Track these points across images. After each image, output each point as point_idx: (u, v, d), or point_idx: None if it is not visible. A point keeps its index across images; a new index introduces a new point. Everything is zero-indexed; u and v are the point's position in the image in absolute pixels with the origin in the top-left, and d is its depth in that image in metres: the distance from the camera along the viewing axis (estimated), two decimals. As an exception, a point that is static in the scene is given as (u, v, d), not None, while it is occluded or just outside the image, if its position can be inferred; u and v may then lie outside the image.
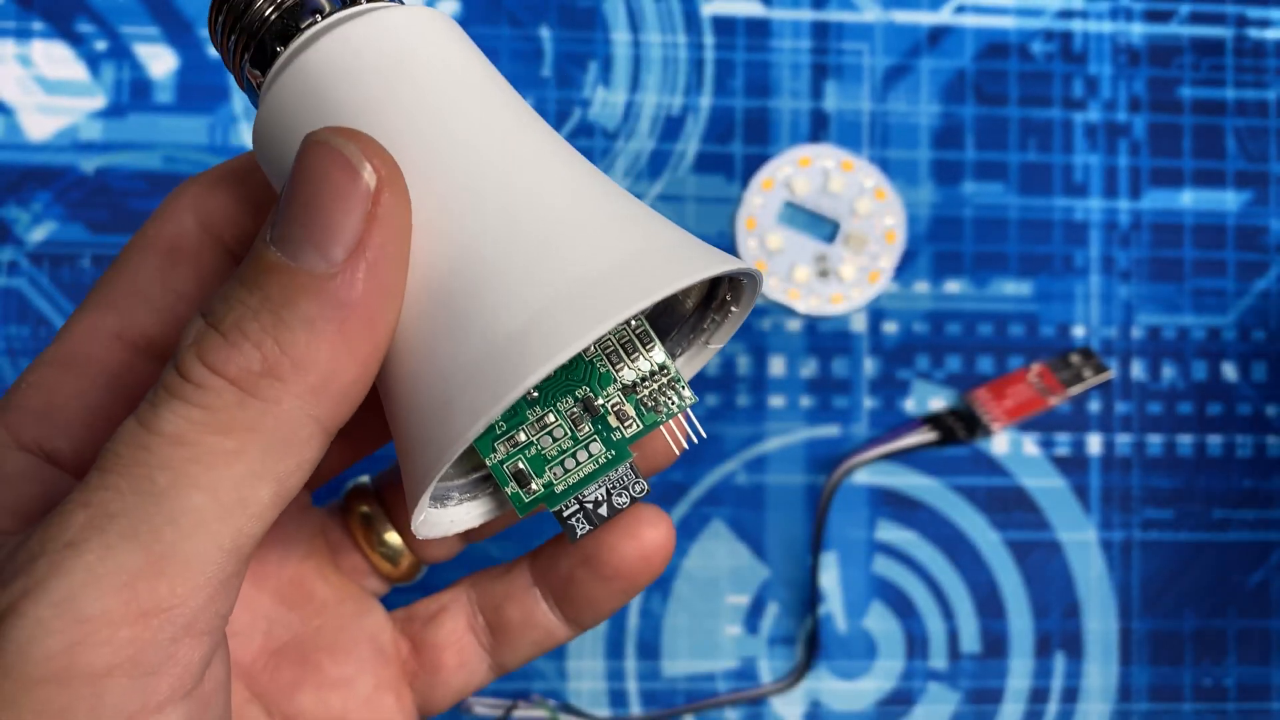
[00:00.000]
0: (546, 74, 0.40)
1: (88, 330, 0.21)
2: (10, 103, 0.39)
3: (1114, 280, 0.41)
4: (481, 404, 0.17)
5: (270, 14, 0.19)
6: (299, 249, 0.17)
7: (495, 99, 0.20)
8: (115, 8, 0.39)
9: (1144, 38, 0.42)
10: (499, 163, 0.19)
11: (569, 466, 0.20)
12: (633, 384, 0.20)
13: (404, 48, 0.19)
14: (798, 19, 0.41)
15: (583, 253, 0.18)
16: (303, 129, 0.18)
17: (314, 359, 0.17)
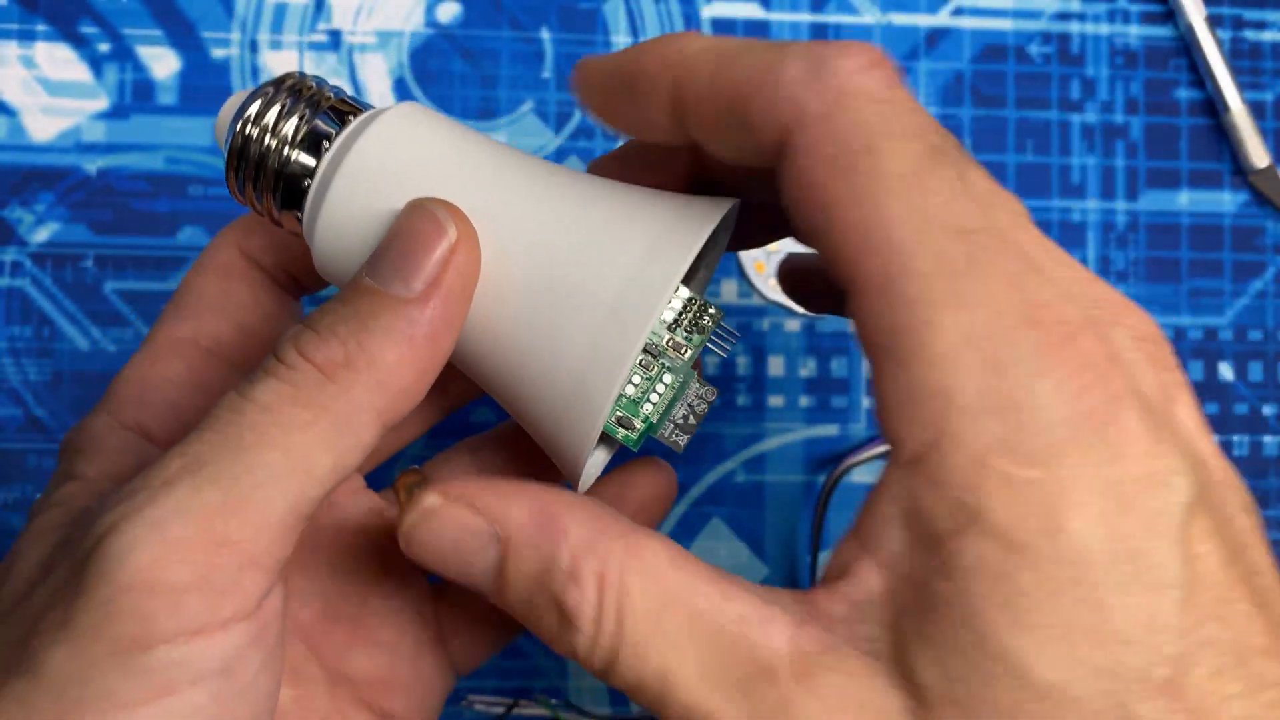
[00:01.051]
0: (547, 75, 0.40)
1: (168, 337, 0.26)
2: (14, 104, 0.39)
3: (1111, 280, 0.41)
4: (606, 380, 0.22)
5: (290, 155, 0.24)
6: (389, 279, 0.22)
7: (489, 147, 0.25)
8: (118, 10, 0.40)
9: (1141, 40, 0.42)
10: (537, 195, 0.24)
11: (654, 401, 0.25)
12: (674, 321, 0.24)
13: (413, 138, 0.24)
14: (796, 21, 0.41)
15: (627, 242, 0.23)
16: (359, 231, 0.23)
17: (384, 360, 0.21)
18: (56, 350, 0.39)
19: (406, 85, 0.40)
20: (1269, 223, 0.42)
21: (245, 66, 0.40)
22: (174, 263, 0.39)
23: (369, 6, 0.40)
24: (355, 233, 0.23)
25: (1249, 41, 0.42)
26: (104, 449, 0.25)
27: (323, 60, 0.40)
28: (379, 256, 0.22)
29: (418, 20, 0.40)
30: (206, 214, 0.39)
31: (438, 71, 0.40)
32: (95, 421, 0.25)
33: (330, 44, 0.40)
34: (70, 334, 0.39)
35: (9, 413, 0.39)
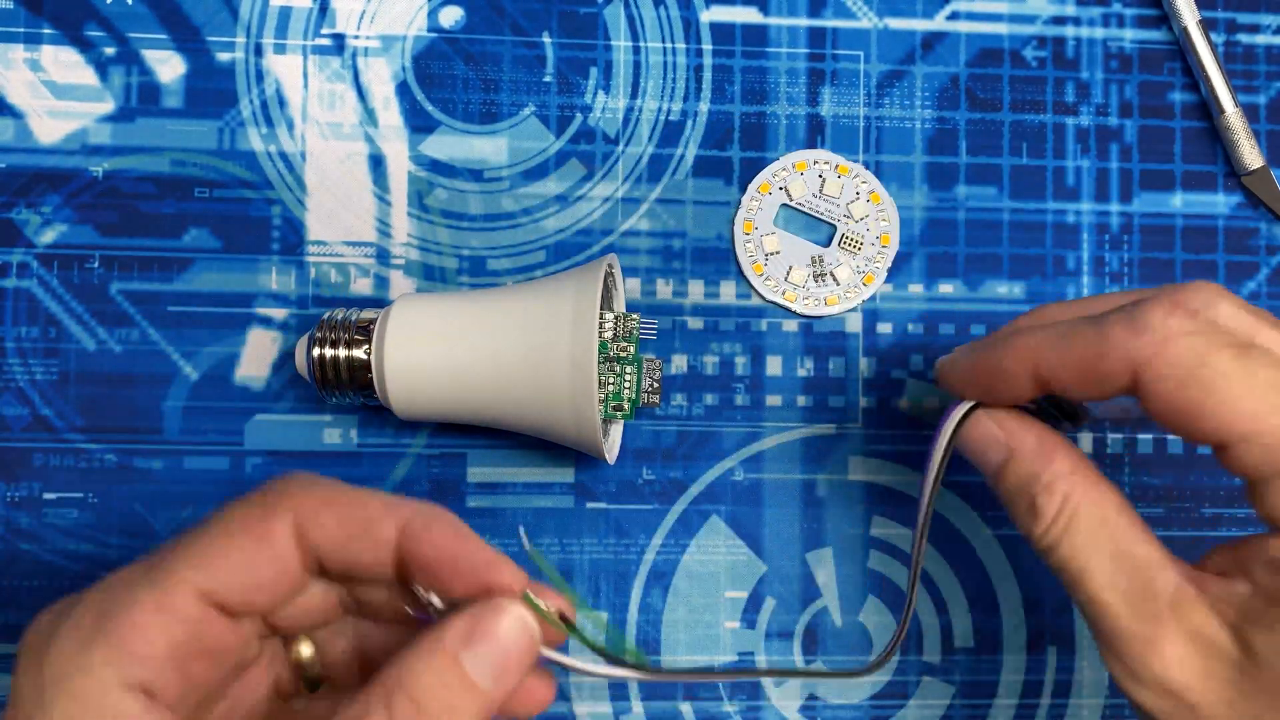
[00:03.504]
0: (548, 80, 0.41)
1: (179, 583, 0.27)
2: (20, 107, 0.40)
3: (1105, 282, 0.42)
4: (587, 401, 0.35)
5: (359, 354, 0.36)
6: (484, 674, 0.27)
7: (459, 296, 0.37)
8: (124, 13, 0.40)
9: (1135, 43, 0.42)
10: (501, 309, 0.36)
11: (628, 386, 0.38)
12: (613, 335, 0.38)
13: (419, 306, 0.37)
14: (794, 25, 0.41)
15: (560, 315, 0.35)
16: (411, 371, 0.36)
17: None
18: (63, 350, 0.39)
19: (409, 89, 0.40)
20: (1262, 225, 0.42)
21: (250, 70, 0.40)
22: (179, 264, 0.40)
23: (372, 11, 0.41)
24: (409, 372, 0.36)
25: (1242, 45, 0.43)
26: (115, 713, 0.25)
27: (326, 64, 0.40)
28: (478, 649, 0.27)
29: (420, 24, 0.41)
30: (211, 216, 0.40)
31: (440, 75, 0.41)
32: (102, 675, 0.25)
33: (334, 48, 0.40)
34: (76, 334, 0.39)
35: (16, 412, 0.39)
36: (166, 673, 0.26)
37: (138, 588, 0.26)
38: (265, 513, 0.28)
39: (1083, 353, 0.29)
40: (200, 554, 0.27)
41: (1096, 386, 0.29)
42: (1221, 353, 0.27)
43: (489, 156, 0.41)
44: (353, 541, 0.28)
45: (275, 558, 0.28)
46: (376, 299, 0.40)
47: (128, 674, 0.25)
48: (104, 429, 0.39)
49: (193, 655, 0.27)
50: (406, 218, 0.40)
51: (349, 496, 0.29)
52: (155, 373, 0.39)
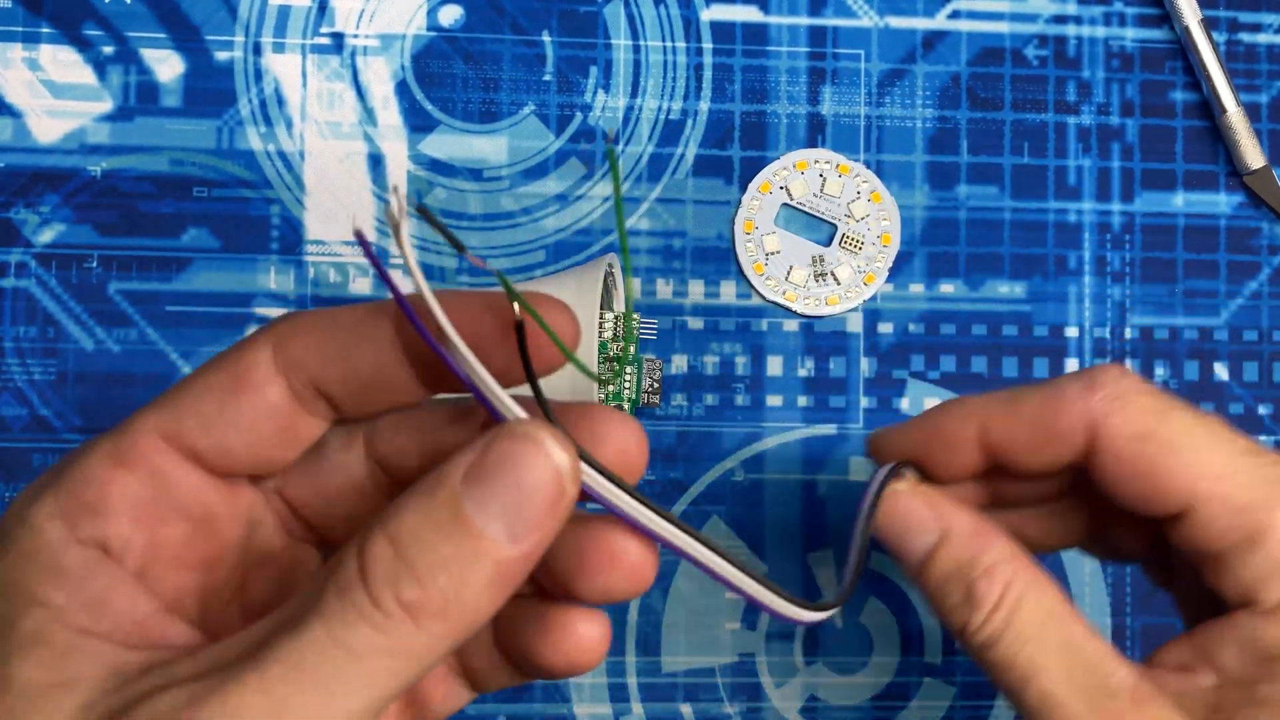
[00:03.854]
0: (548, 78, 0.41)
1: (138, 429, 0.23)
2: (19, 106, 0.39)
3: (1107, 281, 0.42)
4: None
5: None
6: (493, 521, 0.21)
7: None
8: (123, 12, 0.40)
9: (1136, 42, 0.42)
10: None
11: (628, 385, 0.38)
12: (613, 336, 0.37)
13: None
14: (795, 24, 0.41)
15: None
16: None
17: (476, 609, 0.21)
18: (61, 350, 0.39)
19: (408, 88, 0.40)
20: (1264, 224, 0.42)
21: (249, 69, 0.40)
22: (178, 264, 0.39)
23: (371, 9, 0.40)
24: None
25: (1244, 44, 0.43)
26: (64, 568, 0.22)
27: (325, 63, 0.40)
28: (486, 489, 0.21)
29: (420, 23, 0.41)
30: (210, 215, 0.40)
31: (439, 74, 0.40)
32: (48, 527, 0.22)
33: (333, 47, 0.40)
34: (75, 334, 0.39)
35: (14, 412, 0.39)
36: (127, 530, 0.22)
37: (99, 439, 0.23)
38: (239, 346, 0.24)
39: (1036, 411, 0.27)
40: (165, 399, 0.23)
41: (1050, 448, 0.27)
42: (1182, 410, 0.26)
43: (488, 156, 0.40)
44: (344, 349, 0.23)
45: (250, 384, 0.23)
46: (375, 299, 0.40)
47: (77, 527, 0.22)
48: (102, 429, 0.39)
49: (163, 515, 0.23)
50: (406, 217, 0.40)
51: (336, 308, 0.24)
52: (154, 373, 0.39)
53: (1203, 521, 0.26)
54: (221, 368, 0.23)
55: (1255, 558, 0.26)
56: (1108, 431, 0.27)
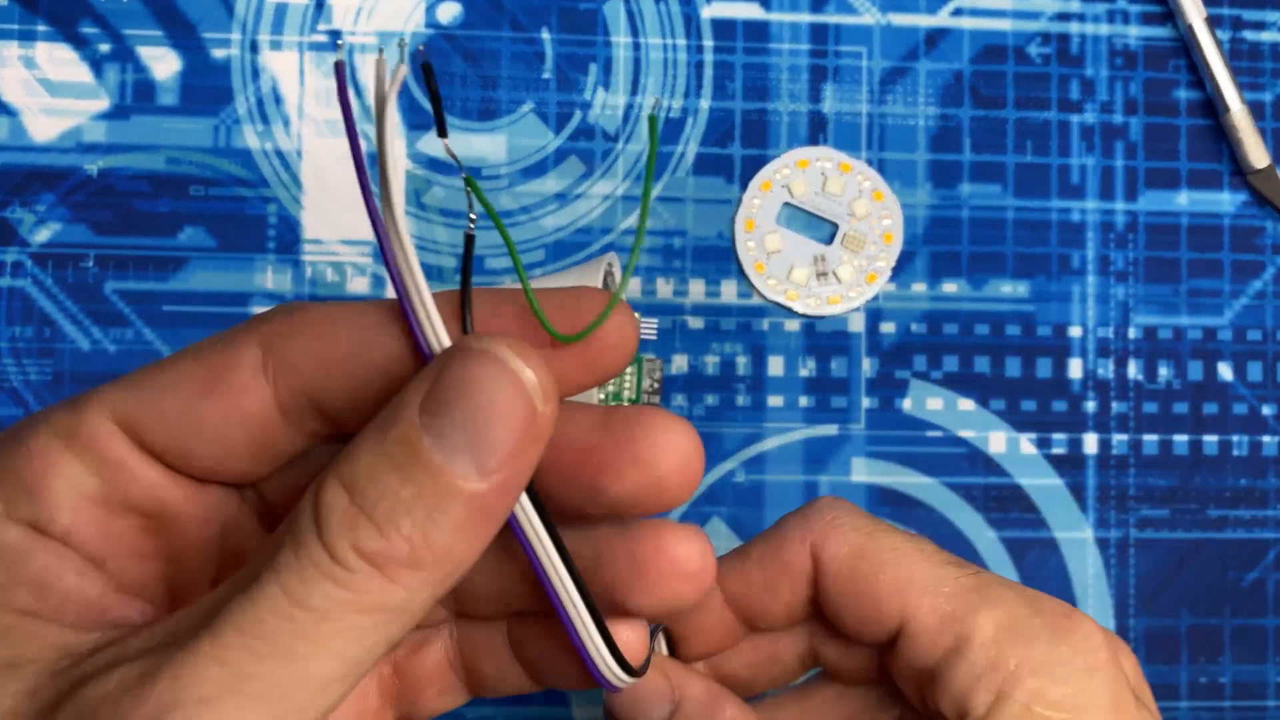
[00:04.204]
0: (547, 76, 0.40)
1: (100, 408, 0.21)
2: (14, 104, 0.39)
3: (1110, 281, 0.41)
4: None
5: None
6: (456, 455, 0.18)
7: None
8: (119, 10, 0.40)
9: (1140, 40, 0.42)
10: None
11: (628, 387, 0.37)
12: None
13: None
14: (796, 21, 0.41)
15: None
16: None
17: (452, 555, 0.19)
18: (58, 350, 0.39)
19: (406, 86, 0.40)
20: (1268, 223, 0.42)
21: (246, 67, 0.40)
22: (175, 263, 0.39)
23: (369, 7, 0.40)
24: None
25: (1248, 42, 0.42)
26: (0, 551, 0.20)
27: (323, 61, 0.40)
28: (445, 418, 0.18)
29: (418, 21, 0.40)
30: (207, 214, 0.39)
31: (438, 72, 0.40)
32: None
33: (330, 44, 0.40)
34: (71, 334, 0.39)
35: (10, 413, 0.39)
36: (65, 516, 0.20)
37: (52, 411, 0.21)
38: (226, 337, 0.21)
39: (761, 554, 0.27)
40: (130, 381, 0.21)
41: (786, 585, 0.27)
42: (889, 531, 0.27)
43: (487, 154, 0.40)
44: (350, 360, 0.20)
45: (226, 389, 0.20)
46: (374, 298, 0.40)
47: (12, 506, 0.20)
48: (98, 430, 0.39)
49: (113, 507, 0.21)
50: (404, 216, 0.40)
51: (339, 306, 0.21)
52: (150, 373, 0.39)
53: (914, 635, 0.26)
54: (199, 359, 0.21)
55: (963, 666, 0.25)
56: (826, 555, 0.26)
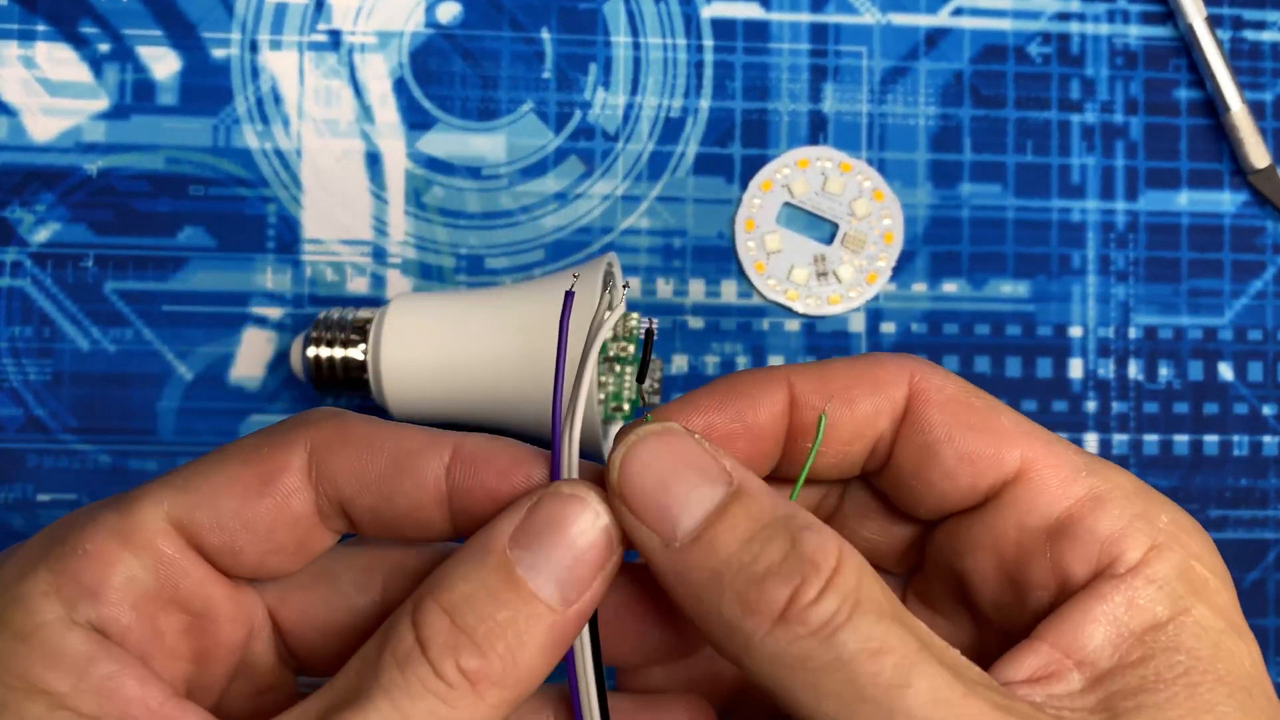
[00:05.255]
0: (547, 76, 0.40)
1: (148, 509, 0.21)
2: (14, 104, 0.39)
3: (1110, 281, 0.41)
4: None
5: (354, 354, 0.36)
6: (546, 584, 0.20)
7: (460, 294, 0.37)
8: (118, 10, 0.40)
9: (1140, 40, 0.42)
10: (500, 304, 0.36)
11: (627, 386, 0.36)
12: (613, 335, 0.36)
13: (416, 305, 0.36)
14: (796, 21, 0.41)
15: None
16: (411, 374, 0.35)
17: (532, 674, 0.20)
18: (57, 350, 0.39)
19: (406, 86, 0.40)
20: (1269, 223, 0.42)
21: (245, 66, 0.40)
22: (174, 263, 0.39)
23: (369, 6, 0.40)
24: (406, 372, 0.35)
25: (1249, 41, 0.42)
26: (64, 653, 0.20)
27: (322, 60, 0.40)
28: (537, 552, 0.20)
29: (418, 20, 0.40)
30: (206, 214, 0.39)
31: (438, 72, 0.40)
32: (43, 607, 0.20)
33: (330, 44, 0.40)
34: (71, 334, 0.39)
35: (9, 413, 0.39)
36: (126, 616, 0.21)
37: (101, 511, 0.21)
38: (270, 440, 0.22)
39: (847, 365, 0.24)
40: (181, 481, 0.22)
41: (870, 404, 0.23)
42: (987, 394, 0.24)
43: (487, 154, 0.40)
44: (384, 481, 0.22)
45: (276, 491, 0.22)
46: (373, 298, 0.39)
47: (73, 608, 0.20)
48: (98, 430, 0.39)
49: (163, 604, 0.21)
50: (403, 216, 0.40)
51: (383, 427, 0.22)
52: (149, 373, 0.39)
53: (1042, 480, 0.22)
54: (249, 462, 0.22)
55: (1111, 512, 0.22)
56: (932, 384, 0.23)
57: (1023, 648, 0.22)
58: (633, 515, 0.21)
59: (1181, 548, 0.22)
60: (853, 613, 0.19)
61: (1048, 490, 0.22)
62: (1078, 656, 0.21)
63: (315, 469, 0.22)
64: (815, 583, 0.19)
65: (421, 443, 0.22)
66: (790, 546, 0.20)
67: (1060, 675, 0.21)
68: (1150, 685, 0.20)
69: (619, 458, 0.21)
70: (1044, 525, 0.22)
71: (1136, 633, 0.21)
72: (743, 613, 0.20)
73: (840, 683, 0.19)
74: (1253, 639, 0.22)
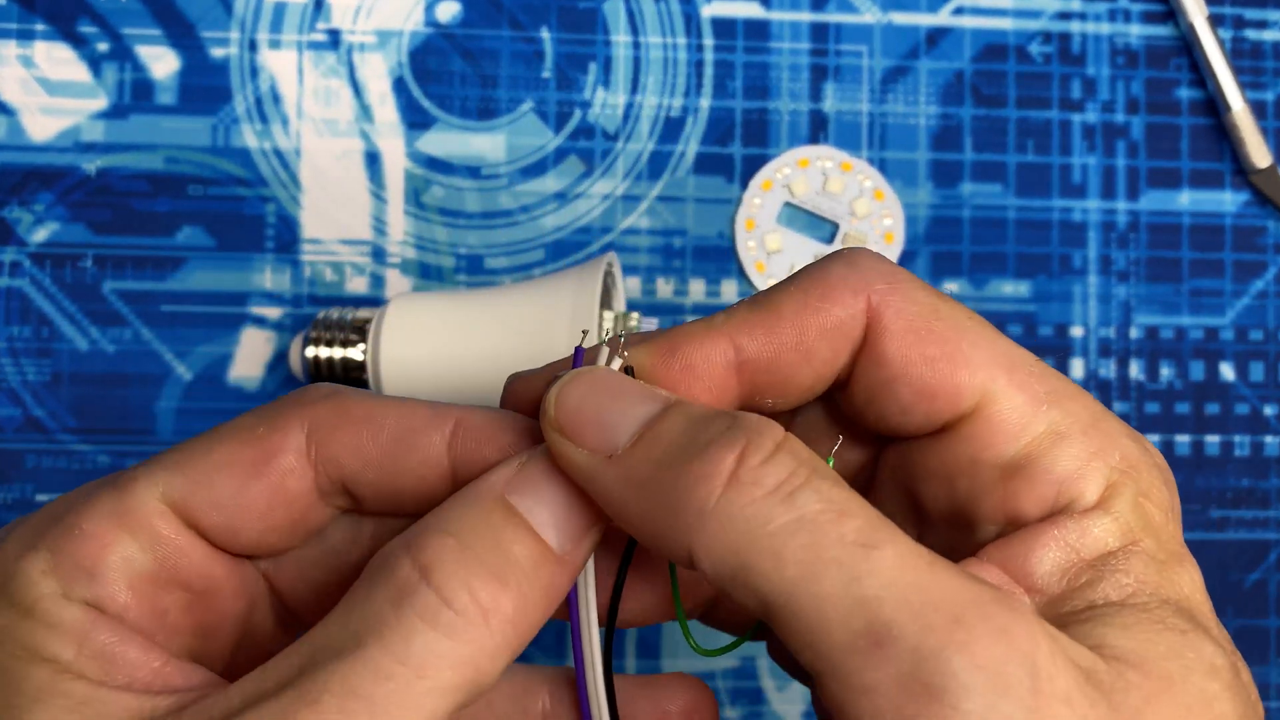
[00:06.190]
0: (547, 75, 0.40)
1: (144, 489, 0.21)
2: (13, 104, 0.39)
3: (1112, 281, 0.41)
4: None
5: (354, 355, 0.36)
6: (543, 521, 0.20)
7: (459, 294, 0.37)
8: (117, 9, 0.40)
9: (1141, 39, 0.42)
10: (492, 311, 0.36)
11: None
12: (612, 332, 0.36)
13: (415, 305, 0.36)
14: (797, 20, 0.41)
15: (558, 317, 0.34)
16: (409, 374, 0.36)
17: (534, 621, 0.20)
18: (56, 350, 0.39)
19: (406, 85, 0.40)
20: (1270, 223, 0.42)
21: (244, 66, 0.40)
22: (173, 263, 0.39)
23: (368, 6, 0.40)
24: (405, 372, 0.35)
25: (1250, 41, 0.42)
26: (64, 625, 0.20)
27: (321, 60, 0.40)
28: (536, 497, 0.20)
29: (417, 19, 0.40)
30: (205, 214, 0.39)
31: (437, 71, 0.40)
32: (41, 583, 0.21)
33: (329, 43, 0.40)
34: (69, 334, 0.39)
35: (8, 413, 0.38)
36: (123, 594, 0.21)
37: (99, 491, 0.22)
38: (268, 418, 0.22)
39: (798, 307, 0.22)
40: (177, 460, 0.22)
41: (826, 347, 0.22)
42: (952, 302, 0.23)
43: (487, 153, 0.40)
44: (388, 458, 0.22)
45: (275, 471, 0.21)
46: (372, 298, 0.39)
47: (71, 587, 0.21)
48: (97, 430, 0.39)
49: (163, 583, 0.21)
50: (403, 215, 0.40)
51: (383, 403, 0.22)
52: (148, 373, 0.39)
53: (999, 413, 0.21)
54: (246, 442, 0.22)
55: (1068, 450, 0.21)
56: (890, 310, 0.22)
57: (973, 564, 0.21)
58: (570, 440, 0.20)
59: (1134, 484, 0.21)
60: (810, 476, 0.19)
61: (1005, 427, 0.21)
62: (1026, 582, 0.21)
63: (315, 449, 0.22)
64: (763, 444, 0.19)
65: (424, 418, 0.22)
66: (731, 421, 0.19)
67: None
68: (1099, 606, 0.20)
69: (554, 391, 0.20)
70: (999, 463, 0.21)
71: (1088, 559, 0.21)
72: (691, 484, 0.19)
73: (802, 546, 0.18)
74: (1195, 565, 0.22)
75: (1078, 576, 0.21)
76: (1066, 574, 0.21)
